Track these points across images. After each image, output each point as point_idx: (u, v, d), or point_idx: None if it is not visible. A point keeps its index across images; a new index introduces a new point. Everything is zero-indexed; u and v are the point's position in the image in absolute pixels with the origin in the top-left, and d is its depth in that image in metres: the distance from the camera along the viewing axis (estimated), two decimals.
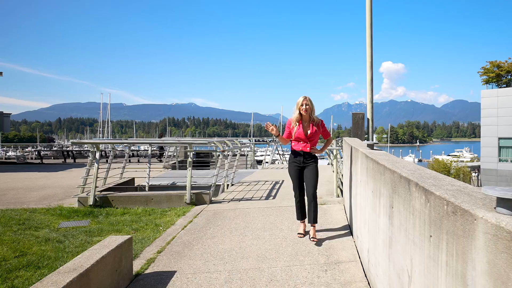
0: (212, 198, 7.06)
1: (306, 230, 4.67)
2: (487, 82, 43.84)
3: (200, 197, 6.51)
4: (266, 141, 16.67)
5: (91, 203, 6.19)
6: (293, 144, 4.50)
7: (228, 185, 8.88)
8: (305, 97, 4.39)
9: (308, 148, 4.43)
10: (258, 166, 16.16)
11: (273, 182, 9.35)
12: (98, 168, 6.31)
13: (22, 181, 9.96)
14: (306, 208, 4.55)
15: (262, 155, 29.19)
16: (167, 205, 6.42)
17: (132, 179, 8.59)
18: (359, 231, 4.00)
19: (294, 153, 4.50)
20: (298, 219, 4.66)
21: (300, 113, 4.39)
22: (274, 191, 7.98)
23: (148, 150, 10.44)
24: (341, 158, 8.93)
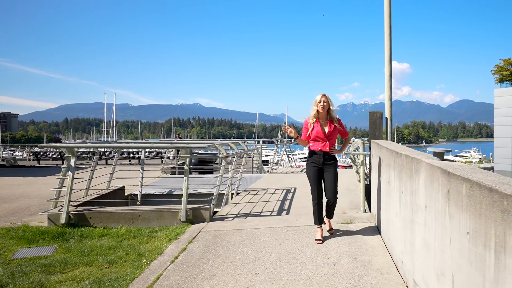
0: (215, 209, 5.88)
1: (323, 236, 4.47)
2: (500, 80, 42.18)
3: (198, 213, 5.32)
4: (274, 141, 15.45)
5: (64, 222, 5.02)
6: (311, 144, 4.38)
7: (233, 194, 7.68)
8: (323, 95, 4.28)
9: (327, 148, 4.30)
10: (264, 167, 14.93)
11: (284, 191, 8.13)
12: (73, 178, 5.13)
13: None
14: (324, 209, 4.48)
15: (267, 155, 27.96)
16: (158, 223, 5.23)
17: (122, 188, 7.43)
18: (422, 279, 2.77)
19: (313, 153, 4.36)
20: (315, 223, 4.48)
21: (317, 111, 4.27)
22: (287, 203, 6.76)
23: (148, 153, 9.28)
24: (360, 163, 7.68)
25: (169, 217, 5.23)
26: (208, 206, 5.39)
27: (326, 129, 4.30)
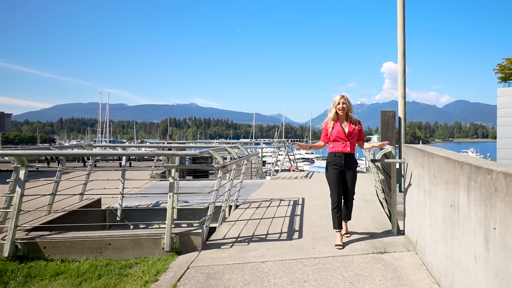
0: (211, 224, 4.68)
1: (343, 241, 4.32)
2: (503, 79, 41.21)
3: (187, 239, 4.11)
4: (275, 142, 14.24)
5: (7, 254, 3.78)
6: (331, 145, 4.31)
7: (231, 206, 6.49)
8: (342, 96, 4.29)
9: (348, 148, 4.25)
10: (262, 167, 13.64)
11: (291, 202, 6.94)
12: (22, 196, 3.91)
13: None
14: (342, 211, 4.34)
15: (264, 155, 26.71)
16: (134, 254, 4.01)
17: (98, 200, 6.19)
18: None
19: (333, 155, 4.28)
20: (334, 228, 4.33)
21: (336, 112, 4.27)
22: (296, 220, 5.57)
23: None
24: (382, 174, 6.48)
25: (149, 245, 4.02)
26: (200, 230, 4.18)
27: (347, 129, 4.25)
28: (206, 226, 4.46)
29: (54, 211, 5.03)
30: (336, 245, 4.21)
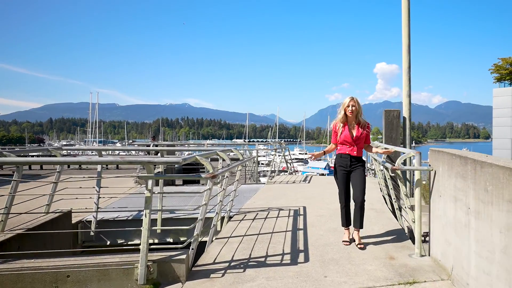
0: (201, 239, 3.87)
1: (350, 237, 4.38)
2: (499, 80, 40.96)
3: (168, 267, 3.28)
4: (271, 143, 13.44)
5: None
6: (338, 148, 4.34)
7: (224, 217, 5.68)
8: (352, 98, 4.22)
9: (354, 152, 4.24)
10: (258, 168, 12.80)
11: (291, 212, 6.15)
12: None
13: None
14: (352, 213, 4.33)
15: (259, 156, 25.89)
16: None
17: (68, 213, 5.32)
18: None
19: (339, 156, 4.32)
20: (342, 225, 4.47)
21: (345, 115, 4.20)
22: (300, 236, 4.76)
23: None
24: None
25: (119, 276, 3.18)
26: (184, 256, 3.35)
27: (354, 133, 4.23)
28: (193, 249, 3.63)
29: (8, 231, 4.15)
30: (343, 241, 4.36)
